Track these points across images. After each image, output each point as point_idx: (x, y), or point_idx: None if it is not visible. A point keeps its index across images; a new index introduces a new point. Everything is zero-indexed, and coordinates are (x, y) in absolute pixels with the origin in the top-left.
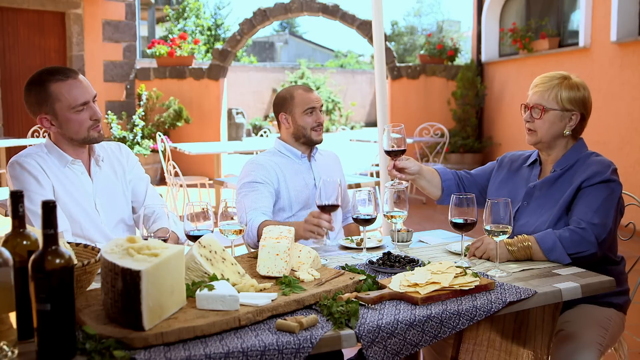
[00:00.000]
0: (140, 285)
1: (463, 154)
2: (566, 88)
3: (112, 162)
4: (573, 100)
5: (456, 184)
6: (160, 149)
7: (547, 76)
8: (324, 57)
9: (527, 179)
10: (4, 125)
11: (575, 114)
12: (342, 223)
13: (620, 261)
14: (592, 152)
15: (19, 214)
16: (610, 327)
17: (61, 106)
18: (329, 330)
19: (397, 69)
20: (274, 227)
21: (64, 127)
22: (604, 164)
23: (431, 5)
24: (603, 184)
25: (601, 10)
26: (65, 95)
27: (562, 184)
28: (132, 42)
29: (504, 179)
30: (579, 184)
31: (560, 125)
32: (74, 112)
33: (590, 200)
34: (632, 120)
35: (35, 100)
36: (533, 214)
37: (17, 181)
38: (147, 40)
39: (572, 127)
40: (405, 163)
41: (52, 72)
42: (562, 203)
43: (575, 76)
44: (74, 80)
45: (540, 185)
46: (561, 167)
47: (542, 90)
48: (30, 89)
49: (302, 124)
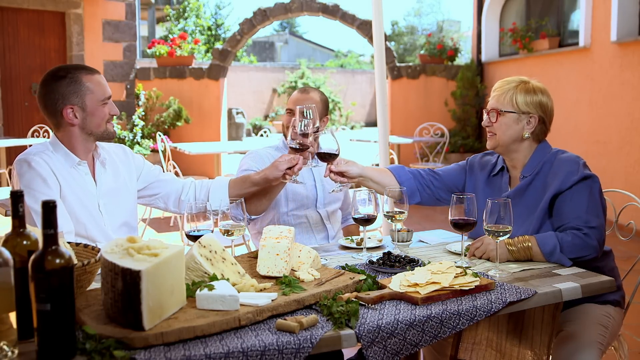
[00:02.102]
0: (141, 285)
1: (463, 153)
2: (522, 91)
3: (117, 164)
4: (529, 103)
5: (418, 184)
6: (160, 148)
7: (506, 80)
8: (324, 57)
9: (500, 187)
10: (4, 125)
11: (532, 116)
12: (342, 224)
13: (609, 253)
14: (556, 150)
15: (19, 214)
16: (610, 325)
17: (92, 98)
18: (329, 330)
19: (397, 68)
20: (274, 227)
21: (88, 119)
22: (571, 161)
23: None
24: (580, 183)
25: (601, 10)
26: (97, 87)
27: (534, 190)
28: (132, 42)
29: (483, 186)
30: (554, 191)
31: (517, 128)
32: (102, 104)
33: (575, 203)
34: (632, 120)
35: (64, 91)
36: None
37: (23, 179)
38: (147, 40)
39: (531, 129)
40: (344, 167)
41: (78, 67)
42: (540, 211)
43: (536, 81)
44: (99, 76)
45: (512, 195)
46: (529, 173)
47: (498, 94)
48: (58, 80)
49: (285, 124)
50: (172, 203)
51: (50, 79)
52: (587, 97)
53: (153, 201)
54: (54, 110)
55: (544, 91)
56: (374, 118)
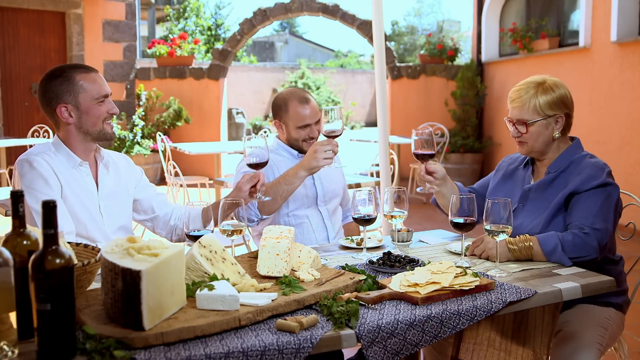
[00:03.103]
0: (141, 285)
1: (463, 154)
2: (542, 94)
3: (119, 170)
4: (552, 104)
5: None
6: (160, 148)
7: (522, 87)
8: (324, 57)
9: (523, 180)
10: (4, 125)
11: (559, 116)
12: (342, 222)
13: (619, 261)
14: (587, 153)
15: (19, 214)
16: (610, 327)
17: (85, 96)
18: (329, 330)
19: (397, 68)
20: (274, 227)
21: (83, 118)
22: (597, 166)
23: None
24: (599, 188)
25: (601, 10)
26: (91, 86)
27: (556, 186)
28: (132, 42)
29: (500, 182)
30: (572, 189)
31: (548, 132)
32: (97, 102)
33: (588, 205)
34: (633, 120)
35: (58, 90)
36: (528, 215)
37: (25, 179)
38: (147, 40)
39: (559, 128)
40: (435, 167)
41: (75, 66)
42: (554, 205)
43: (549, 77)
44: (96, 74)
45: (535, 188)
46: (555, 170)
47: (520, 105)
48: (53, 79)
49: (295, 136)
50: (161, 226)
51: (47, 79)
52: (587, 97)
53: (142, 218)
54: (51, 109)
55: (560, 85)
56: (374, 118)
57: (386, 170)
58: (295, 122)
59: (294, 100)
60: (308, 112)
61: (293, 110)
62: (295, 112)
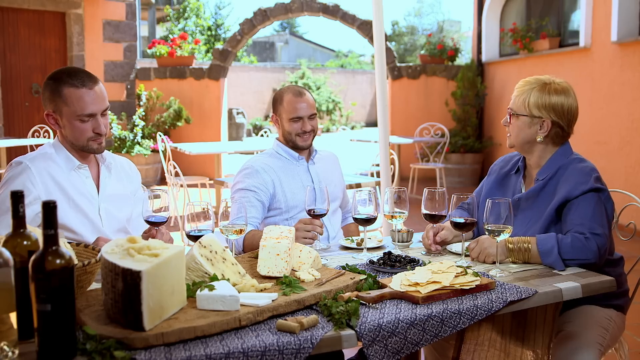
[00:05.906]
0: (141, 285)
1: (463, 154)
2: (537, 94)
3: (121, 175)
4: (541, 106)
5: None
6: (160, 149)
7: (527, 80)
8: (324, 57)
9: (514, 188)
10: (4, 125)
11: (544, 121)
12: (342, 223)
13: (620, 261)
14: (576, 157)
15: (19, 214)
16: (610, 327)
17: (68, 110)
18: (329, 330)
19: (397, 69)
20: (274, 227)
21: (67, 130)
22: (584, 172)
23: (431, 5)
24: (589, 193)
25: (601, 10)
26: (74, 102)
27: (546, 194)
28: (132, 42)
29: (493, 187)
30: (562, 197)
31: (530, 132)
32: (78, 120)
33: (581, 211)
34: (633, 120)
35: (47, 96)
36: (521, 225)
37: (6, 176)
38: (148, 40)
39: (544, 133)
40: (445, 234)
41: (71, 74)
42: (546, 215)
43: (559, 81)
44: (87, 90)
45: (525, 197)
46: (544, 177)
47: (516, 95)
48: (48, 83)
49: (288, 129)
50: None
51: (46, 80)
52: (588, 97)
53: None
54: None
55: (564, 93)
56: (375, 118)
57: (386, 170)
58: (288, 114)
59: (289, 93)
60: (301, 104)
61: (287, 102)
62: (289, 103)
